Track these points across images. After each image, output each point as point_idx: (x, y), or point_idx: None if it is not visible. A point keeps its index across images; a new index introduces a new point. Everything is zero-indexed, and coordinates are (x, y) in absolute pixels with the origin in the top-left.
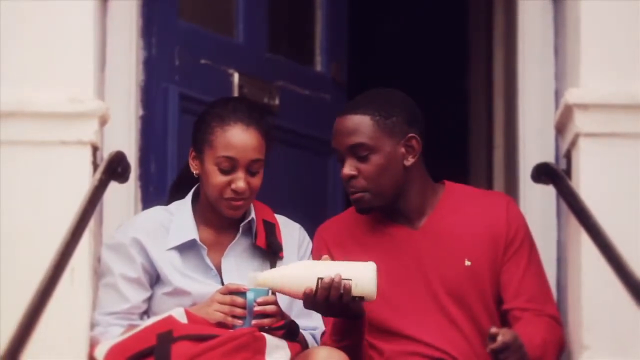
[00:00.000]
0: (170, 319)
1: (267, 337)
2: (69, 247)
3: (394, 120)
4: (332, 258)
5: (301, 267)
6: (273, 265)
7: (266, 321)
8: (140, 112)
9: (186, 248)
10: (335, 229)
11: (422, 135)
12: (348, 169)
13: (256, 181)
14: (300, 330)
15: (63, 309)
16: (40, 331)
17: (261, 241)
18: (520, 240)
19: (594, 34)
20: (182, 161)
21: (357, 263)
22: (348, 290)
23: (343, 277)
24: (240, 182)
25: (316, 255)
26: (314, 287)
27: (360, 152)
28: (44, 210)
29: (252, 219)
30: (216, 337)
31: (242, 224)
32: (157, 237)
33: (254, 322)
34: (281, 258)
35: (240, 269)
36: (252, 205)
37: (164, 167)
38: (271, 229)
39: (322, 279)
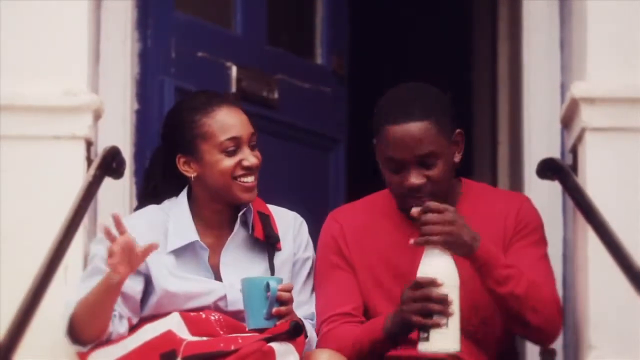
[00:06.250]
0: (170, 335)
1: (275, 347)
2: (62, 245)
3: (446, 121)
4: (346, 243)
5: (450, 269)
6: (271, 257)
7: (283, 309)
8: (136, 106)
9: (183, 250)
10: (352, 215)
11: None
12: (416, 178)
13: (258, 154)
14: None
15: (56, 308)
16: (33, 330)
17: (259, 232)
18: (526, 233)
19: (600, 26)
20: None
21: (455, 333)
22: (419, 322)
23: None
24: (250, 157)
25: (328, 238)
26: (431, 278)
27: (428, 160)
28: (36, 207)
29: (249, 208)
30: (222, 354)
31: (240, 214)
32: (153, 239)
33: (274, 310)
34: (279, 249)
35: (238, 262)
36: None
37: None
38: (266, 221)
39: (447, 299)
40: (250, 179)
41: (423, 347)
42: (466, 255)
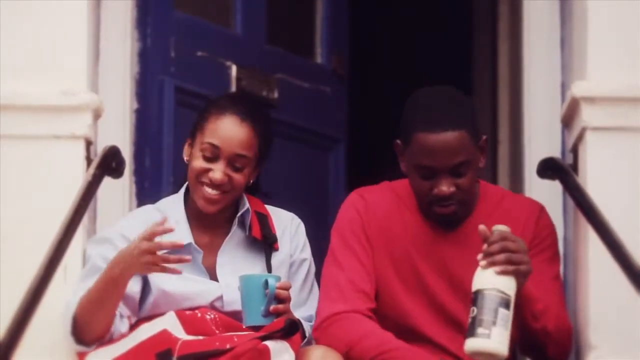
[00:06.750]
0: (165, 335)
1: (270, 345)
2: (61, 245)
3: (476, 129)
4: (368, 220)
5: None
6: (268, 257)
7: (281, 307)
8: (135, 106)
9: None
10: (377, 195)
11: None
12: (447, 187)
13: (239, 178)
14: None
15: (56, 307)
16: (33, 330)
17: (256, 232)
18: (543, 248)
19: (601, 25)
20: (178, 156)
21: (507, 341)
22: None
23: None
24: (217, 172)
25: (353, 211)
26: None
27: (460, 169)
28: (35, 207)
29: (248, 209)
30: (217, 352)
31: (238, 215)
32: None
33: (272, 307)
34: (276, 249)
35: (235, 263)
36: (244, 197)
37: (160, 162)
38: (264, 220)
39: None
40: (211, 192)
41: (477, 344)
42: (520, 287)
